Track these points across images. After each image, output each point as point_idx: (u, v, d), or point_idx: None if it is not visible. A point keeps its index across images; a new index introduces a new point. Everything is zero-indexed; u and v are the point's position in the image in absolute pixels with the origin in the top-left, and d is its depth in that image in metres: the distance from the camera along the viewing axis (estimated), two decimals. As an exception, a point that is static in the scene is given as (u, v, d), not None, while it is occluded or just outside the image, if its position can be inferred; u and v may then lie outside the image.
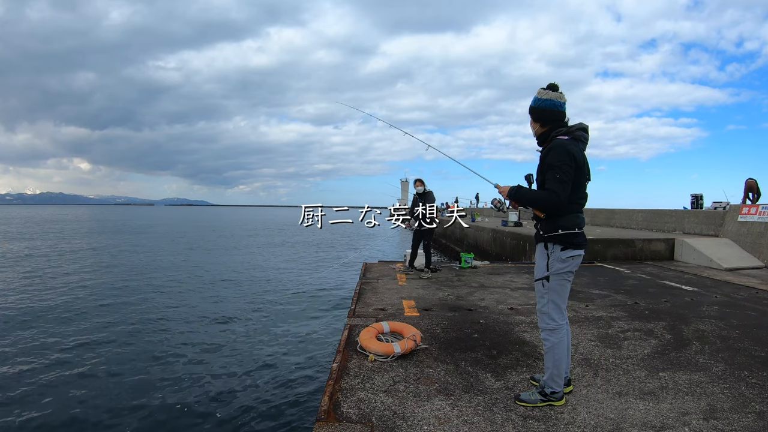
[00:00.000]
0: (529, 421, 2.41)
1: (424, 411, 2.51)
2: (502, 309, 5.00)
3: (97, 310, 10.31)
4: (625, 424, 2.37)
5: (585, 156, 2.55)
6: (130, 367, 6.70)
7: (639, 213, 14.19)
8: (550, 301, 2.53)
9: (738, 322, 4.52)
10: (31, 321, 9.19)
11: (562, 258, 2.47)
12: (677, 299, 5.62)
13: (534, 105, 2.58)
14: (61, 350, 7.39)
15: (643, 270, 8.13)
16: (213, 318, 9.70)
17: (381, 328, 3.75)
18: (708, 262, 8.70)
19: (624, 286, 6.50)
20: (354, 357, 3.35)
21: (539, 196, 2.47)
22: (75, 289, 12.75)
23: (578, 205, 2.50)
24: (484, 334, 4.02)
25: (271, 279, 15.21)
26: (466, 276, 7.26)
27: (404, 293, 5.79)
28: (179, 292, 12.68)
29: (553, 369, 2.53)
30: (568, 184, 2.37)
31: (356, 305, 5.08)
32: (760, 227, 9.26)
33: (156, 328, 8.82)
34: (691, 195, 15.89)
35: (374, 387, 2.83)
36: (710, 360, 3.39)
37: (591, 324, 4.38)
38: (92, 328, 8.72)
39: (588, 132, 2.57)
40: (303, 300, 11.77)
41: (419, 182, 7.28)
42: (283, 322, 9.40)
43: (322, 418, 2.43)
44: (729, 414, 2.50)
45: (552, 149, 2.44)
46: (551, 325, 2.53)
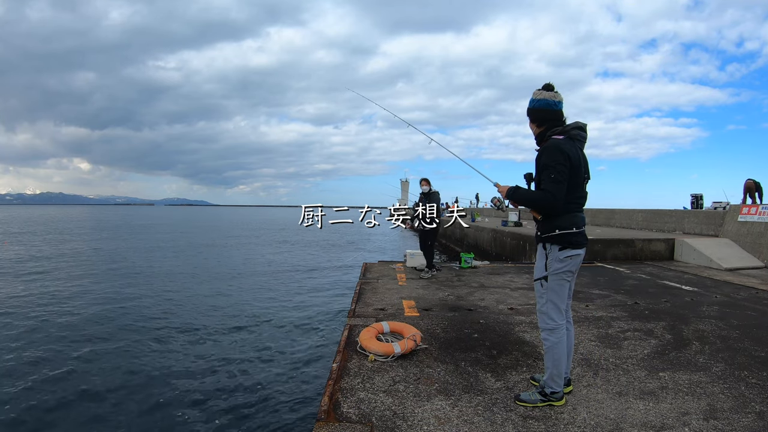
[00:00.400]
0: (529, 421, 2.41)
1: (424, 411, 2.51)
2: (502, 309, 5.00)
3: (96, 310, 10.30)
4: (625, 424, 2.37)
5: (584, 155, 2.55)
6: (130, 366, 6.69)
7: (639, 213, 14.19)
8: (549, 300, 2.53)
9: (738, 322, 4.52)
10: (32, 321, 9.19)
11: (560, 258, 2.48)
12: (677, 299, 5.62)
13: (529, 106, 2.60)
14: (60, 349, 7.40)
15: (643, 270, 8.13)
16: (212, 317, 9.69)
17: (381, 328, 3.75)
18: (708, 262, 8.69)
19: (624, 286, 6.50)
20: (354, 357, 3.35)
21: (535, 197, 2.47)
22: (74, 290, 12.76)
23: (576, 205, 2.50)
24: (484, 334, 4.02)
25: (270, 279, 15.20)
26: (466, 276, 7.26)
27: (404, 293, 5.79)
28: (177, 292, 12.67)
29: (552, 369, 2.53)
30: (563, 184, 2.37)
31: (356, 305, 5.09)
32: (760, 227, 9.26)
33: (155, 328, 8.80)
34: (691, 195, 15.89)
35: (374, 387, 2.83)
36: (710, 360, 3.39)
37: (591, 324, 4.38)
38: (92, 328, 8.71)
39: (586, 131, 2.57)
40: (303, 300, 11.76)
41: (424, 182, 7.28)
42: (283, 321, 9.39)
43: (322, 418, 2.43)
44: (729, 414, 2.50)
45: (546, 149, 2.45)
46: (550, 324, 2.53)
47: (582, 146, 2.55)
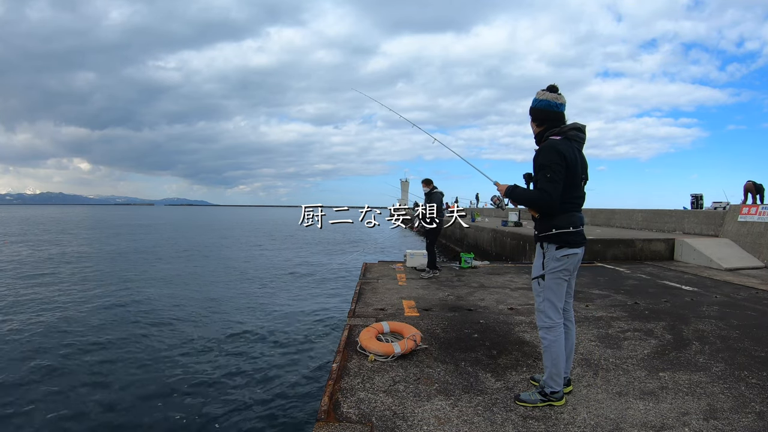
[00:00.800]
0: (529, 421, 2.41)
1: (424, 411, 2.51)
2: (502, 309, 5.00)
3: (97, 310, 10.31)
4: (625, 424, 2.37)
5: (582, 156, 2.58)
6: (129, 366, 6.69)
7: (639, 213, 14.19)
8: (546, 299, 2.56)
9: (738, 322, 4.52)
10: (35, 320, 9.20)
11: (556, 257, 2.51)
12: (677, 299, 5.62)
13: (532, 106, 2.63)
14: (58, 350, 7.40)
15: (643, 270, 8.13)
16: (212, 317, 9.69)
17: (381, 328, 3.75)
18: (708, 262, 8.69)
19: (624, 286, 6.50)
20: (354, 357, 3.35)
21: (532, 196, 2.51)
22: (72, 294, 12.76)
23: (573, 204, 2.53)
24: (484, 334, 4.02)
25: (270, 279, 15.21)
26: (466, 276, 7.26)
27: (404, 293, 5.79)
28: (177, 292, 12.67)
29: (551, 368, 2.54)
30: (558, 184, 2.40)
31: (356, 305, 5.09)
32: (760, 227, 9.26)
33: (154, 328, 8.81)
34: (691, 195, 15.89)
35: (374, 387, 2.83)
36: (710, 360, 3.39)
37: (591, 324, 4.39)
38: (91, 330, 8.72)
39: (584, 132, 2.60)
40: (303, 300, 11.76)
41: (424, 183, 7.34)
42: (283, 321, 9.39)
43: (322, 418, 2.43)
44: (729, 414, 2.50)
45: (542, 149, 2.49)
46: (548, 323, 2.55)
47: (580, 147, 2.58)
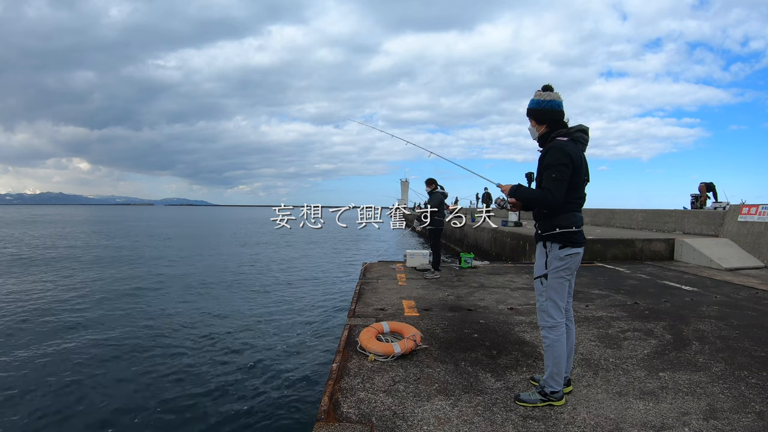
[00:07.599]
0: (529, 421, 2.41)
1: (424, 411, 2.51)
2: (502, 309, 5.00)
3: (96, 310, 10.30)
4: (625, 424, 2.37)
5: (584, 157, 2.60)
6: (129, 366, 6.69)
7: (639, 213, 14.19)
8: (548, 298, 2.57)
9: (738, 322, 4.52)
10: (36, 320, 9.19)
11: (560, 256, 2.52)
12: (677, 299, 5.62)
13: (535, 107, 2.61)
14: (58, 349, 7.40)
15: (643, 270, 8.13)
16: (212, 318, 9.69)
17: (381, 328, 3.75)
18: (708, 262, 8.69)
19: (624, 286, 6.50)
20: (354, 357, 3.35)
21: (536, 195, 2.52)
22: (74, 291, 12.75)
23: (576, 205, 2.55)
24: (484, 334, 4.02)
25: (270, 279, 15.20)
26: (466, 276, 7.26)
27: (404, 293, 5.79)
28: (177, 292, 12.67)
29: (553, 367, 2.54)
30: (563, 183, 2.42)
31: (356, 305, 5.09)
32: (760, 227, 9.26)
33: (154, 328, 8.81)
34: (691, 195, 15.86)
35: (374, 387, 2.83)
36: (710, 360, 3.39)
37: (591, 324, 4.38)
38: (90, 330, 8.72)
39: (588, 134, 2.62)
40: (303, 300, 11.76)
41: (426, 183, 7.36)
42: (283, 321, 9.39)
43: (322, 418, 2.43)
44: (729, 414, 2.50)
45: (550, 150, 2.50)
46: (550, 322, 2.56)
47: (584, 149, 2.60)
